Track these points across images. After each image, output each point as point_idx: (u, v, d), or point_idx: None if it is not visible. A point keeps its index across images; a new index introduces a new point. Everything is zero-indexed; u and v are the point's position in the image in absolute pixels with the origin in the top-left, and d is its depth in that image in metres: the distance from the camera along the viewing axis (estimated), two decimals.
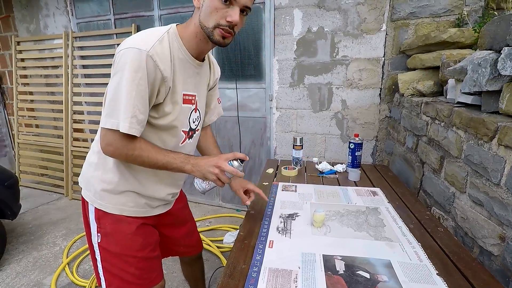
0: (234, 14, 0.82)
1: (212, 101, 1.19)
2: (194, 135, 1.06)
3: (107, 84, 0.87)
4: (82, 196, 1.03)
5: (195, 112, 1.02)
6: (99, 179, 0.97)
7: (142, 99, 0.81)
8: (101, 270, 1.03)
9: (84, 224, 1.09)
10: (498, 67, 0.94)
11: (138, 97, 0.80)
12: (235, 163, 0.92)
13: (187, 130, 1.01)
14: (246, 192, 1.17)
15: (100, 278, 1.05)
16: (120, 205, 0.99)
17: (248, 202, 1.14)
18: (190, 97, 0.97)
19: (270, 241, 1.03)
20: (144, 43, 0.80)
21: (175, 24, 0.92)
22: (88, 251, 2.22)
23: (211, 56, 1.11)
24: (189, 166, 0.90)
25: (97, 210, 0.99)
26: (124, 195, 0.98)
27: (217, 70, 1.15)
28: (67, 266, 2.09)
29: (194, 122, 1.03)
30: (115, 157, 0.89)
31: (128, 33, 2.84)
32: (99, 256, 1.02)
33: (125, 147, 0.85)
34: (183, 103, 0.95)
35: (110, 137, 0.84)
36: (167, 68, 0.85)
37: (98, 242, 1.01)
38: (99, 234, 1.00)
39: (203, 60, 1.00)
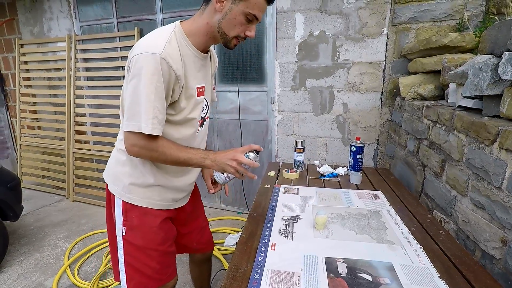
0: (253, 30, 0.93)
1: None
2: (204, 123, 1.12)
3: (109, 86, 0.91)
4: (108, 191, 1.08)
5: (199, 96, 1.06)
6: (127, 174, 1.02)
7: (160, 100, 0.86)
8: (123, 264, 1.06)
9: (106, 218, 1.14)
10: (499, 72, 0.95)
11: (157, 98, 0.85)
12: (251, 154, 0.96)
13: (200, 119, 1.07)
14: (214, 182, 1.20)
15: (119, 273, 1.08)
16: (147, 198, 1.04)
17: (212, 191, 1.17)
18: (201, 89, 1.03)
19: (272, 243, 1.03)
20: (155, 46, 0.84)
21: (179, 21, 0.96)
22: (90, 253, 2.25)
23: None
24: (209, 161, 0.95)
25: (124, 203, 1.03)
26: (151, 189, 1.04)
27: (215, 58, 1.19)
28: (68, 268, 2.09)
29: (203, 111, 1.08)
30: (140, 156, 0.95)
31: (131, 36, 2.87)
32: (122, 249, 1.05)
33: (148, 147, 0.90)
34: (197, 96, 1.00)
35: (133, 138, 0.89)
36: (179, 67, 0.89)
37: (122, 235, 1.04)
38: (124, 227, 1.04)
39: (207, 52, 1.04)
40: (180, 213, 1.19)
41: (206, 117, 1.12)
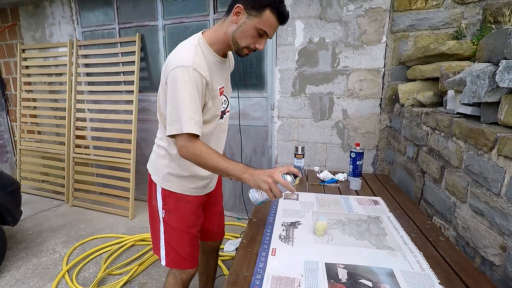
0: (262, 44, 1.06)
1: None
2: (224, 116, 1.24)
3: (111, 91, 0.95)
4: (150, 179, 1.26)
5: (221, 95, 1.18)
6: (166, 166, 1.19)
7: (195, 104, 0.99)
8: (163, 241, 1.25)
9: (148, 203, 1.31)
10: (496, 79, 0.96)
11: (192, 102, 0.98)
12: (288, 177, 0.98)
13: (220, 113, 1.20)
14: None
15: (158, 248, 1.27)
16: (182, 186, 1.21)
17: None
18: (222, 89, 1.17)
19: (272, 249, 1.03)
20: (186, 59, 0.99)
21: (201, 32, 1.10)
22: (88, 259, 2.24)
23: None
24: (247, 175, 1.00)
25: (163, 190, 1.21)
26: (185, 178, 1.20)
27: (232, 58, 1.31)
28: (66, 273, 2.08)
29: (222, 105, 1.21)
30: (188, 159, 1.05)
31: (132, 42, 2.89)
32: (163, 228, 1.24)
33: (194, 150, 1.01)
34: (220, 95, 1.15)
35: (180, 141, 1.02)
36: (207, 73, 1.03)
37: (163, 217, 1.23)
38: (163, 210, 1.22)
39: (226, 56, 1.18)
40: (206, 198, 1.34)
41: (226, 110, 1.25)
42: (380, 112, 2.30)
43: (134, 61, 2.86)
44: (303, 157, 1.84)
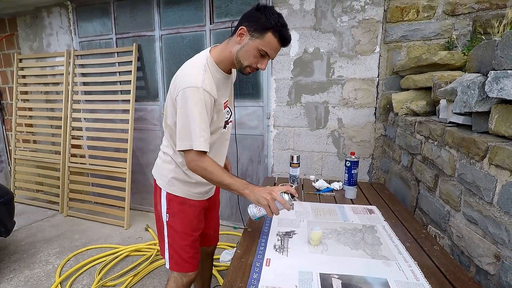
0: (264, 64, 1.11)
1: None
2: (227, 125, 1.31)
3: (107, 100, 0.96)
4: (156, 184, 1.33)
5: (225, 108, 1.25)
6: (171, 171, 1.26)
7: (205, 122, 1.06)
8: (167, 244, 1.31)
9: (154, 208, 1.37)
10: (485, 90, 0.98)
11: (202, 121, 1.05)
12: (286, 196, 1.04)
13: (223, 124, 1.27)
14: None
15: (164, 253, 1.34)
16: (186, 190, 1.27)
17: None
18: (226, 102, 1.23)
19: (267, 259, 1.03)
20: (197, 80, 1.05)
21: (208, 49, 1.17)
22: (82, 270, 2.20)
23: None
24: (248, 190, 1.06)
25: (168, 194, 1.28)
26: (189, 184, 1.27)
27: (235, 73, 1.37)
28: (59, 285, 2.04)
29: (225, 116, 1.26)
30: (196, 172, 1.12)
31: (129, 52, 2.91)
32: (167, 232, 1.30)
33: (202, 163, 1.09)
34: (224, 109, 1.21)
35: (189, 156, 1.09)
36: (214, 92, 1.10)
37: (166, 221, 1.29)
38: (167, 214, 1.28)
39: (230, 72, 1.25)
40: (207, 203, 1.40)
41: (229, 120, 1.32)
42: (375, 121, 2.32)
43: (131, 71, 2.88)
44: (299, 166, 1.84)
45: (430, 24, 2.03)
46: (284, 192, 1.04)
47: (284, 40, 1.07)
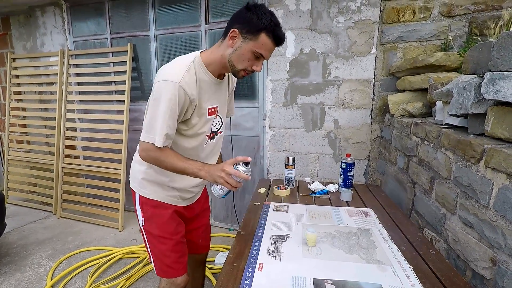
0: (259, 66, 1.07)
1: (229, 105, 1.38)
2: (216, 136, 1.26)
3: (102, 101, 0.96)
4: (131, 188, 1.29)
5: (216, 117, 1.22)
6: (142, 172, 1.21)
7: (173, 120, 1.03)
8: (149, 249, 1.27)
9: (135, 212, 1.31)
10: (482, 91, 0.97)
11: (171, 118, 1.02)
12: (240, 167, 1.02)
13: (209, 133, 1.21)
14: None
15: (150, 258, 1.29)
16: (157, 192, 1.22)
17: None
18: (213, 109, 1.18)
19: (259, 263, 1.01)
20: (175, 75, 1.01)
21: (199, 52, 1.12)
22: (74, 273, 2.17)
23: None
24: (203, 172, 1.06)
25: (140, 197, 1.23)
26: (160, 186, 1.21)
27: (234, 80, 1.34)
28: None
29: (215, 126, 1.23)
30: (147, 161, 1.11)
31: (124, 52, 2.88)
32: (146, 237, 1.26)
33: (156, 154, 1.06)
34: (208, 115, 1.15)
35: (146, 147, 1.06)
36: (194, 92, 1.05)
37: (143, 226, 1.25)
38: (143, 218, 1.24)
39: (223, 77, 1.19)
40: (189, 211, 1.35)
41: (218, 131, 1.27)
42: (371, 122, 2.31)
43: (126, 71, 2.85)
44: (294, 168, 1.83)
45: (426, 25, 2.02)
46: (236, 164, 1.02)
47: (279, 39, 1.03)
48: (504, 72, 0.90)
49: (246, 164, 1.03)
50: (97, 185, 3.05)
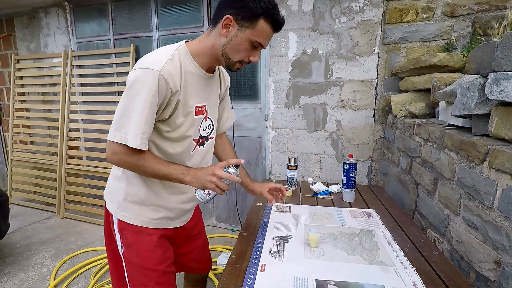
0: (257, 56, 0.95)
1: (225, 109, 1.24)
2: (206, 142, 1.10)
3: (104, 102, 0.90)
4: (106, 209, 1.09)
5: (206, 120, 1.06)
6: (123, 191, 1.02)
7: (152, 115, 0.87)
8: (127, 279, 1.08)
9: (105, 235, 1.15)
10: (485, 92, 0.96)
11: (150, 113, 0.86)
12: (231, 169, 0.94)
13: (197, 138, 1.05)
14: (270, 191, 1.22)
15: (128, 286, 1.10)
16: (141, 216, 1.03)
17: (273, 202, 1.19)
18: (201, 108, 1.02)
19: (262, 264, 1.00)
20: (156, 63, 0.85)
21: (185, 41, 0.98)
22: (77, 273, 2.17)
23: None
24: (189, 177, 0.93)
25: (119, 222, 1.03)
26: (145, 207, 1.03)
27: (227, 77, 1.20)
28: None
29: (204, 130, 1.07)
30: (120, 165, 0.94)
31: (127, 53, 2.89)
32: (125, 265, 1.07)
33: (130, 158, 0.89)
34: (195, 115, 1.00)
35: (116, 148, 0.88)
36: (177, 84, 0.90)
37: (122, 253, 1.05)
38: (122, 244, 1.04)
39: (213, 71, 1.05)
40: (180, 232, 1.17)
41: (209, 137, 1.11)
42: (373, 123, 2.30)
43: (129, 72, 2.85)
44: (296, 169, 1.82)
45: (429, 25, 2.01)
46: (228, 167, 0.94)
47: (278, 25, 0.91)
48: (508, 72, 0.89)
49: (237, 166, 0.96)
50: (100, 185, 3.06)
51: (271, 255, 1.06)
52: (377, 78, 2.23)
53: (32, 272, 2.24)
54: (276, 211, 1.47)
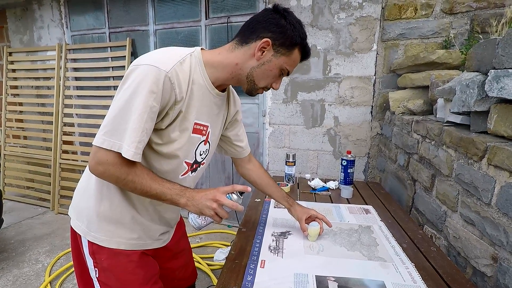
0: (279, 83, 0.91)
1: (243, 135, 1.19)
2: (198, 168, 0.97)
3: (99, 96, 0.84)
4: (72, 228, 0.93)
5: (205, 144, 0.94)
6: (93, 208, 0.87)
7: (151, 122, 0.75)
8: None
9: (72, 255, 0.99)
10: (485, 89, 0.96)
11: (149, 119, 0.73)
12: (234, 196, 0.84)
13: (191, 162, 0.92)
14: (309, 218, 1.17)
15: None
16: (117, 237, 0.88)
17: (307, 233, 1.13)
18: (201, 127, 0.89)
19: (262, 260, 1.00)
20: (164, 62, 0.74)
21: (200, 47, 0.87)
22: (72, 269, 2.15)
23: (231, 87, 1.04)
24: (184, 199, 0.81)
25: (91, 244, 0.87)
26: (120, 225, 0.88)
27: (237, 101, 1.08)
28: (49, 285, 2.00)
29: (201, 155, 0.95)
30: (104, 178, 0.78)
31: (123, 47, 2.85)
32: None
33: (119, 170, 0.74)
34: (192, 133, 0.87)
35: (105, 156, 0.73)
36: (183, 92, 0.78)
37: (97, 277, 0.90)
38: (96, 269, 0.89)
39: (223, 91, 0.94)
40: (163, 251, 1.04)
41: (202, 162, 0.98)
42: (371, 119, 2.30)
43: (124, 66, 2.82)
44: (294, 165, 1.82)
45: (428, 22, 2.02)
46: (231, 193, 0.84)
47: (306, 55, 0.88)
48: (509, 70, 0.89)
49: (241, 193, 0.86)
50: None
51: (271, 251, 1.06)
52: (375, 75, 2.23)
53: (26, 268, 2.22)
54: (275, 207, 1.47)
